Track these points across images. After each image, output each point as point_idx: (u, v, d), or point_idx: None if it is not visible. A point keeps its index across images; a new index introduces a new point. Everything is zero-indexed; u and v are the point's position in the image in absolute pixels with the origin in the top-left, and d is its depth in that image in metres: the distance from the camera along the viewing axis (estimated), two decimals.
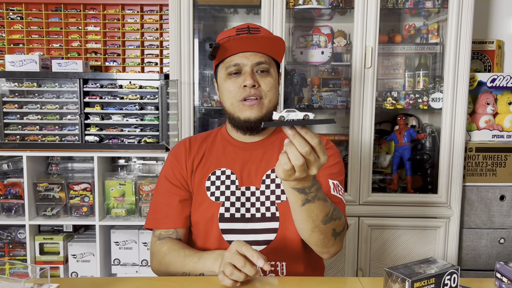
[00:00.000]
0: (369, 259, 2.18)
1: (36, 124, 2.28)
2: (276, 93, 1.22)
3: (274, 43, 1.21)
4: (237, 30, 1.20)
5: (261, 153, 1.26)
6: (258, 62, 1.18)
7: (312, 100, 2.30)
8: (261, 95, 1.19)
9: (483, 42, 2.48)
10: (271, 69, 1.22)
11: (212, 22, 2.46)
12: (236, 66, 1.19)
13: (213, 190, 1.23)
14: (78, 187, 2.24)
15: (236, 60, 1.19)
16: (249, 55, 1.18)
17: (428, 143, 2.30)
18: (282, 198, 1.21)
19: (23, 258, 2.29)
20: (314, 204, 0.99)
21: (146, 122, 2.27)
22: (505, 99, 2.28)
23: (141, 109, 2.27)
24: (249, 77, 1.17)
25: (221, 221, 1.21)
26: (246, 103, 1.19)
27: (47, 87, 2.26)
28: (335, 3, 2.20)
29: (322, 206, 1.01)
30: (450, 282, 0.92)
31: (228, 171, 1.25)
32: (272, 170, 1.24)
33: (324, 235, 1.07)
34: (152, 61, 2.73)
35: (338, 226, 1.09)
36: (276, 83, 1.23)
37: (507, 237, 2.22)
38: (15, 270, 0.97)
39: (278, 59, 1.26)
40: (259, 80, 1.19)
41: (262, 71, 1.20)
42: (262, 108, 1.20)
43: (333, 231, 1.09)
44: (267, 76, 1.20)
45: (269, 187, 1.22)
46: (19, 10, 2.70)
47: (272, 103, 1.22)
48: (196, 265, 1.12)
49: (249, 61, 1.18)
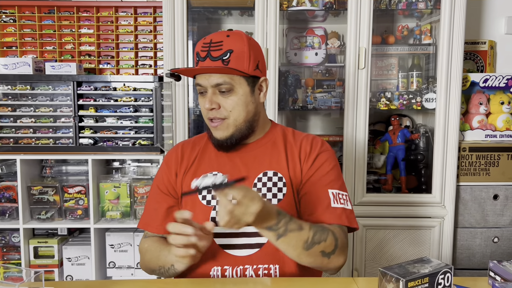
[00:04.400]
0: (364, 259, 2.19)
1: (29, 127, 2.27)
2: (243, 109, 1.19)
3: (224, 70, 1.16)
4: (202, 45, 1.18)
5: (252, 156, 1.26)
6: (216, 84, 1.16)
7: (307, 101, 2.31)
8: (224, 115, 1.18)
9: (475, 43, 2.49)
10: (236, 86, 1.17)
11: (206, 24, 2.46)
12: (200, 86, 1.19)
13: (204, 193, 1.23)
14: (72, 190, 2.23)
15: (199, 80, 1.19)
16: (208, 76, 1.16)
17: (422, 143, 2.31)
18: (273, 202, 1.20)
19: (18, 262, 2.28)
20: (289, 237, 1.07)
21: (140, 124, 2.27)
22: (497, 99, 2.30)
23: (136, 111, 2.27)
24: (207, 100, 1.17)
25: None
26: (211, 124, 1.21)
27: (41, 90, 2.25)
28: (329, 4, 2.20)
29: (298, 236, 1.07)
30: (443, 281, 0.93)
31: (220, 174, 1.25)
32: (263, 173, 1.23)
33: (313, 258, 1.11)
34: (146, 63, 2.73)
35: (326, 247, 1.11)
36: (246, 98, 1.19)
37: (500, 236, 2.23)
38: (10, 274, 0.97)
39: (245, 72, 1.17)
40: (221, 101, 1.17)
41: (223, 91, 1.17)
42: (228, 128, 1.19)
43: (322, 253, 1.11)
44: (230, 95, 1.17)
45: (260, 191, 1.21)
46: (12, 13, 2.68)
47: (240, 120, 1.19)
48: (167, 258, 1.15)
49: (208, 82, 1.17)
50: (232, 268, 1.18)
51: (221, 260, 1.19)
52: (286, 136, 1.30)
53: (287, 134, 1.31)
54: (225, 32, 1.18)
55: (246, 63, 1.17)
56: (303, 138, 1.29)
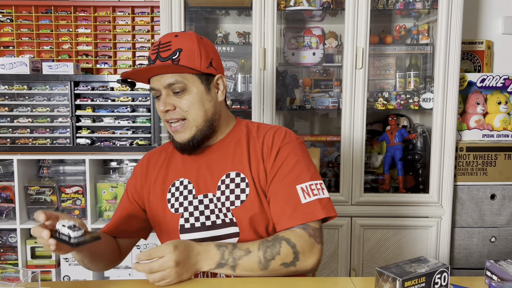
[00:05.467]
0: (362, 259, 2.19)
1: (26, 127, 2.27)
2: (199, 108, 1.15)
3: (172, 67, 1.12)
4: (152, 48, 1.16)
5: (215, 158, 1.22)
6: (168, 84, 1.13)
7: (304, 101, 2.31)
8: (182, 116, 1.15)
9: (472, 43, 2.50)
10: (189, 85, 1.14)
11: (203, 23, 2.46)
12: (154, 90, 1.16)
13: (172, 202, 1.21)
14: (69, 190, 2.23)
15: (151, 84, 1.17)
16: (159, 78, 1.14)
17: (419, 143, 2.32)
18: (236, 204, 1.16)
19: (15, 262, 2.28)
20: (241, 265, 1.04)
21: (138, 124, 2.27)
22: (494, 99, 2.31)
23: (133, 111, 2.26)
24: (161, 102, 1.14)
25: (182, 232, 1.18)
26: (171, 128, 1.18)
27: (38, 90, 2.24)
28: (326, 4, 2.21)
29: (248, 260, 1.05)
30: (440, 280, 0.93)
31: (186, 180, 1.22)
32: (226, 174, 1.19)
33: (277, 273, 1.07)
34: (143, 63, 2.72)
35: (284, 259, 1.06)
36: (201, 97, 1.16)
37: (498, 235, 2.24)
38: (6, 274, 0.97)
39: (198, 70, 1.14)
40: (176, 102, 1.14)
41: (177, 92, 1.14)
42: (190, 128, 1.16)
43: (283, 265, 1.06)
44: (184, 94, 1.14)
45: (224, 193, 1.18)
46: (9, 13, 2.68)
47: (199, 120, 1.16)
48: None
49: (160, 84, 1.14)
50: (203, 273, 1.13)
51: None
52: (250, 132, 1.24)
53: (251, 130, 1.25)
54: (174, 33, 1.17)
55: (197, 61, 1.14)
56: (267, 131, 1.22)
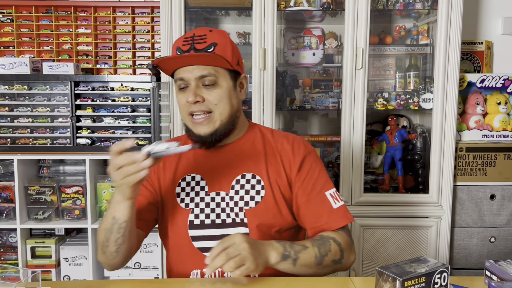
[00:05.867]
0: (361, 259, 2.20)
1: (27, 127, 2.27)
2: (228, 103, 1.16)
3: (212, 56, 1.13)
4: (184, 40, 1.16)
5: (230, 157, 1.23)
6: (201, 76, 1.13)
7: (304, 102, 2.31)
8: (209, 109, 1.15)
9: (472, 43, 2.50)
10: (220, 79, 1.15)
11: (203, 24, 2.47)
12: (182, 81, 1.16)
13: (183, 196, 1.21)
14: (70, 190, 2.23)
15: (181, 74, 1.15)
16: (191, 69, 1.14)
17: (419, 143, 2.32)
18: (251, 205, 1.18)
19: (15, 262, 2.28)
20: (301, 258, 1.08)
21: (138, 124, 2.27)
22: (494, 99, 2.31)
23: (133, 111, 2.26)
24: (191, 93, 1.13)
25: (190, 228, 1.19)
26: (194, 120, 1.16)
27: (38, 90, 2.25)
28: (326, 4, 2.21)
29: (307, 255, 1.09)
30: (440, 280, 0.93)
31: (198, 176, 1.23)
32: (242, 175, 1.21)
33: (328, 269, 1.13)
34: (143, 63, 2.72)
35: (334, 255, 1.13)
36: (230, 92, 1.17)
37: (497, 236, 2.24)
38: (7, 274, 0.97)
39: (229, 66, 1.16)
40: (205, 94, 1.14)
41: (208, 85, 1.14)
42: (214, 122, 1.16)
43: (333, 262, 1.13)
44: (214, 88, 1.15)
45: (238, 193, 1.20)
46: (9, 13, 2.68)
47: (225, 115, 1.17)
48: (107, 214, 1.10)
49: (192, 75, 1.13)
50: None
51: (200, 263, 1.15)
52: (265, 136, 1.27)
53: (265, 134, 1.27)
54: (207, 28, 1.18)
55: (229, 57, 1.16)
56: (283, 139, 1.26)
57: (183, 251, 1.20)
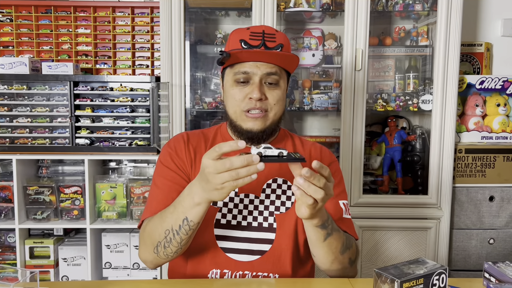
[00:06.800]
0: (360, 260, 2.19)
1: (26, 127, 2.26)
2: (283, 105, 1.17)
3: (288, 57, 1.14)
4: (251, 34, 1.14)
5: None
6: (268, 73, 1.13)
7: (304, 103, 2.31)
8: (267, 108, 1.14)
9: (472, 45, 2.50)
10: (281, 80, 1.16)
11: (203, 24, 2.47)
12: (245, 75, 1.13)
13: None
14: (68, 190, 2.22)
15: (246, 68, 1.13)
16: (260, 65, 1.13)
17: (418, 145, 2.32)
18: (281, 210, 1.19)
19: (13, 262, 2.27)
20: (333, 236, 1.06)
21: (137, 125, 2.26)
22: (493, 101, 2.31)
23: (132, 112, 2.26)
24: (257, 89, 1.11)
25: (216, 226, 1.18)
26: (249, 115, 1.14)
27: (37, 90, 2.24)
28: (326, 5, 2.21)
29: (338, 237, 1.08)
30: (438, 282, 0.93)
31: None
32: (273, 179, 1.21)
33: (342, 265, 1.12)
34: (143, 63, 2.72)
35: (352, 254, 1.14)
36: (284, 94, 1.18)
37: (496, 237, 2.24)
38: (5, 274, 0.97)
39: (290, 70, 1.21)
40: (267, 92, 1.14)
41: (270, 83, 1.14)
42: (266, 121, 1.15)
43: (349, 260, 1.14)
44: (275, 88, 1.15)
45: (269, 197, 1.20)
46: (9, 13, 2.67)
47: (278, 116, 1.17)
48: (173, 213, 1.03)
49: (259, 71, 1.12)
50: (231, 272, 1.16)
51: (221, 263, 1.16)
52: (295, 141, 1.29)
53: (295, 140, 1.30)
54: (271, 27, 1.19)
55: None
56: (311, 146, 1.30)
57: (205, 249, 1.19)
